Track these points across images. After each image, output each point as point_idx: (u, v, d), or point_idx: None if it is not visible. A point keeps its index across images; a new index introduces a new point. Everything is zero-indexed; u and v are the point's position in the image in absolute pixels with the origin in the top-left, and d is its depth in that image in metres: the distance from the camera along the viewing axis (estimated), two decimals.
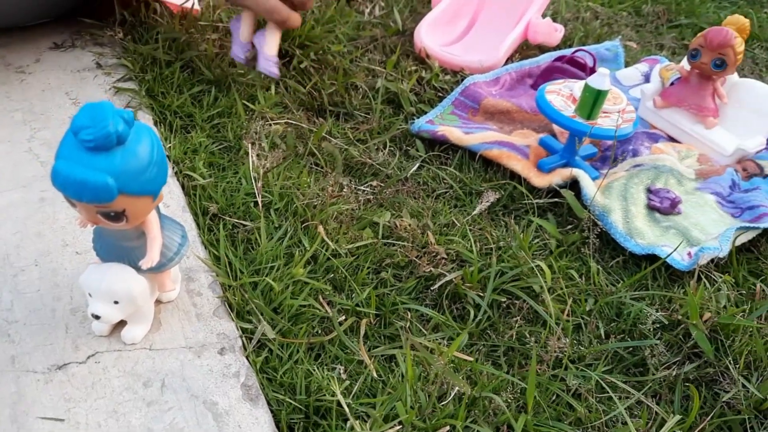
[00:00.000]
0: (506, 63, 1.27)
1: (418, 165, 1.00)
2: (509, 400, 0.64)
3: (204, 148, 0.90)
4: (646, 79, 1.28)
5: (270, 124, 0.98)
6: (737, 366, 0.68)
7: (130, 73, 0.99)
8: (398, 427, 0.58)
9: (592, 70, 1.18)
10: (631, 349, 0.73)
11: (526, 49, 1.35)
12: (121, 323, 0.62)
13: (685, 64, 1.15)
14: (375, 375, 0.64)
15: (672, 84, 1.16)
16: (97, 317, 0.58)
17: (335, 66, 1.19)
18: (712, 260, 0.85)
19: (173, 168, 0.86)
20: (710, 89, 1.11)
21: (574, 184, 0.97)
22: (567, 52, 1.27)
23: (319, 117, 1.10)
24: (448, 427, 0.58)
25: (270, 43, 1.06)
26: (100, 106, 0.50)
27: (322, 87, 1.12)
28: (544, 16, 1.36)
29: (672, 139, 1.14)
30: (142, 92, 0.95)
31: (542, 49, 1.35)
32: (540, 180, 0.97)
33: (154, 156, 0.53)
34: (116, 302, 0.58)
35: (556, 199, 0.95)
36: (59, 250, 0.70)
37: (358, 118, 1.09)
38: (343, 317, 0.72)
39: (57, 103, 0.92)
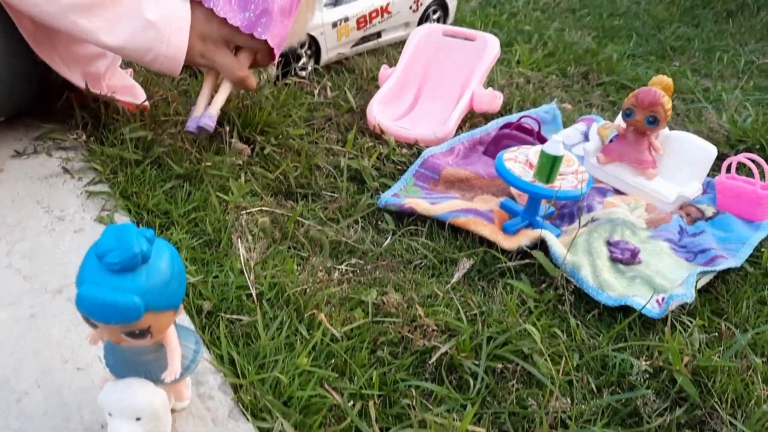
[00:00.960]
0: (456, 132, 1.34)
1: (391, 239, 1.04)
2: None
3: (185, 245, 0.91)
4: (585, 137, 1.38)
5: (252, 214, 1.00)
6: (723, 406, 0.74)
7: (101, 176, 0.99)
8: None
9: (539, 134, 1.26)
10: (623, 399, 0.78)
11: (471, 117, 1.43)
12: None
13: (620, 121, 1.25)
14: None
15: (611, 141, 1.26)
16: None
17: (297, 149, 1.23)
18: (681, 306, 0.91)
19: None
20: (646, 144, 1.22)
21: (541, 244, 1.03)
22: (513, 118, 1.36)
23: (288, 200, 1.12)
24: None
25: (217, 102, 1.10)
26: (123, 228, 0.52)
27: (287, 171, 1.16)
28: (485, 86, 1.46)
29: (618, 192, 1.23)
30: (116, 194, 0.96)
31: (486, 116, 1.44)
32: (509, 243, 1.03)
33: (175, 269, 0.55)
34: (138, 419, 0.58)
35: (526, 260, 1.01)
36: (60, 368, 0.69)
37: (326, 197, 1.13)
38: (351, 403, 0.73)
39: (30, 212, 0.91)
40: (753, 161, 1.16)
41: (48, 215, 0.91)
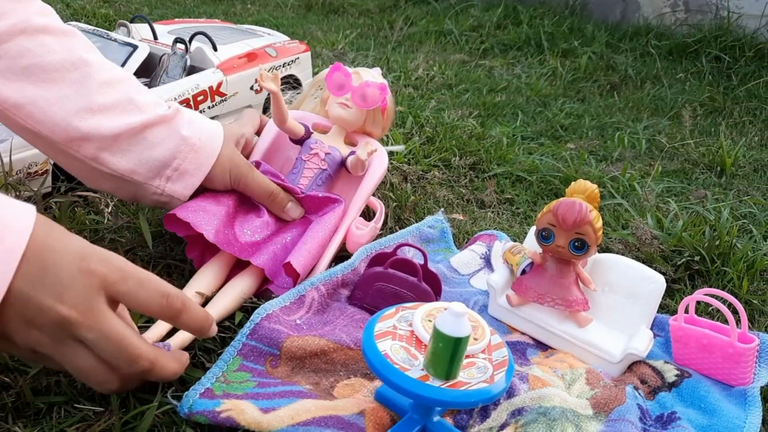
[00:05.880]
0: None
1: None
2: None
3: None
4: (487, 261, 1.01)
5: None
6: None
7: None
8: None
9: (425, 269, 0.88)
10: None
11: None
12: None
13: (532, 243, 0.90)
14: None
15: (524, 272, 0.90)
16: None
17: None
18: None
19: None
20: (573, 276, 0.86)
21: None
22: (388, 242, 0.97)
23: (17, 421, 0.65)
24: None
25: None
26: None
27: (22, 366, 0.69)
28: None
29: (541, 346, 0.87)
30: None
31: None
32: None
33: None
34: None
35: None
36: None
37: (85, 411, 0.67)
38: None
39: None
40: (719, 298, 0.83)
41: None
